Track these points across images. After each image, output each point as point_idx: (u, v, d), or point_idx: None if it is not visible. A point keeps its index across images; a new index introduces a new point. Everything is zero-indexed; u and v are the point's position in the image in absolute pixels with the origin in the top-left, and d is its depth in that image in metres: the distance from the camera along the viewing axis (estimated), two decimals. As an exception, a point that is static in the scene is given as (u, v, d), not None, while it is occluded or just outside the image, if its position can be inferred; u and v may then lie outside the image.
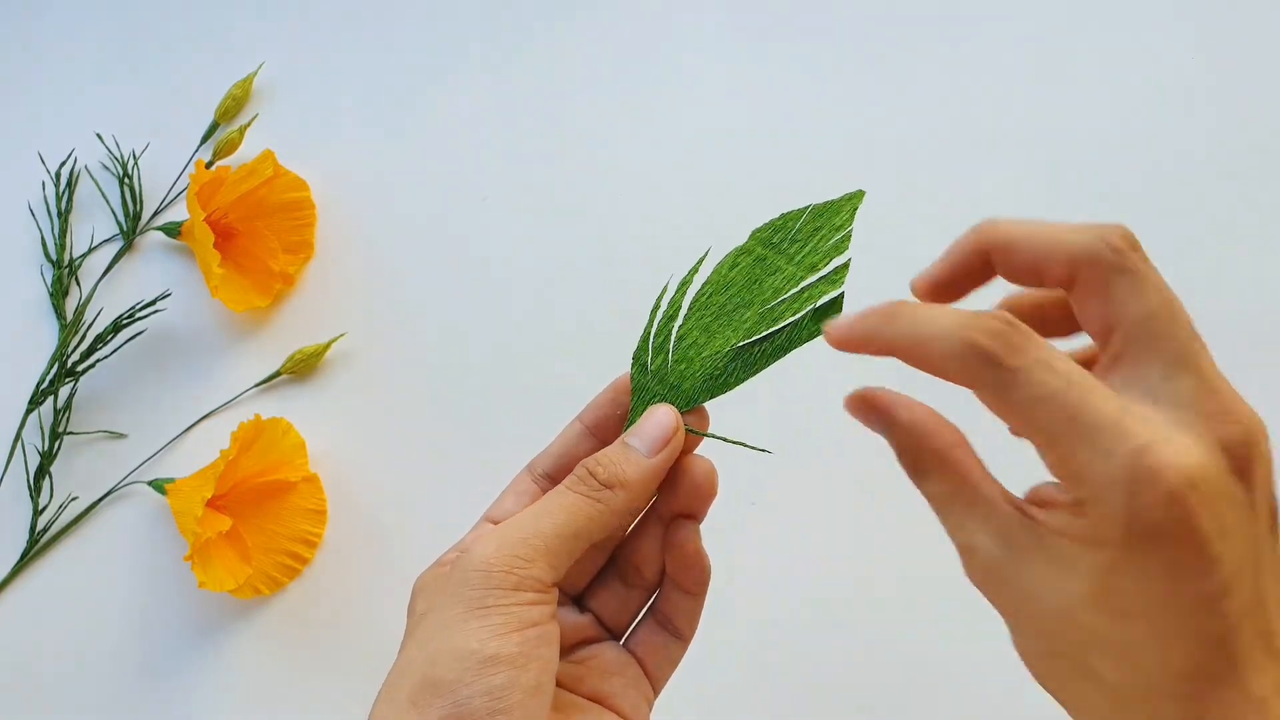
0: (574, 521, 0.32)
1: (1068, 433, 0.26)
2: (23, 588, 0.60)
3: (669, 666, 0.37)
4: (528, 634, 0.30)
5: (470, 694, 0.29)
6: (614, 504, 0.33)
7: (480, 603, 0.31)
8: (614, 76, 0.66)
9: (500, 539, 0.32)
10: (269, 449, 0.58)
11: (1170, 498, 0.25)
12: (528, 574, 0.31)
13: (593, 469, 0.33)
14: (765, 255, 0.36)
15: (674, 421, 0.34)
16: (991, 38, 0.65)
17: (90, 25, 0.70)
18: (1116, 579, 0.26)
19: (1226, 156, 0.62)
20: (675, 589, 0.37)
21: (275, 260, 0.62)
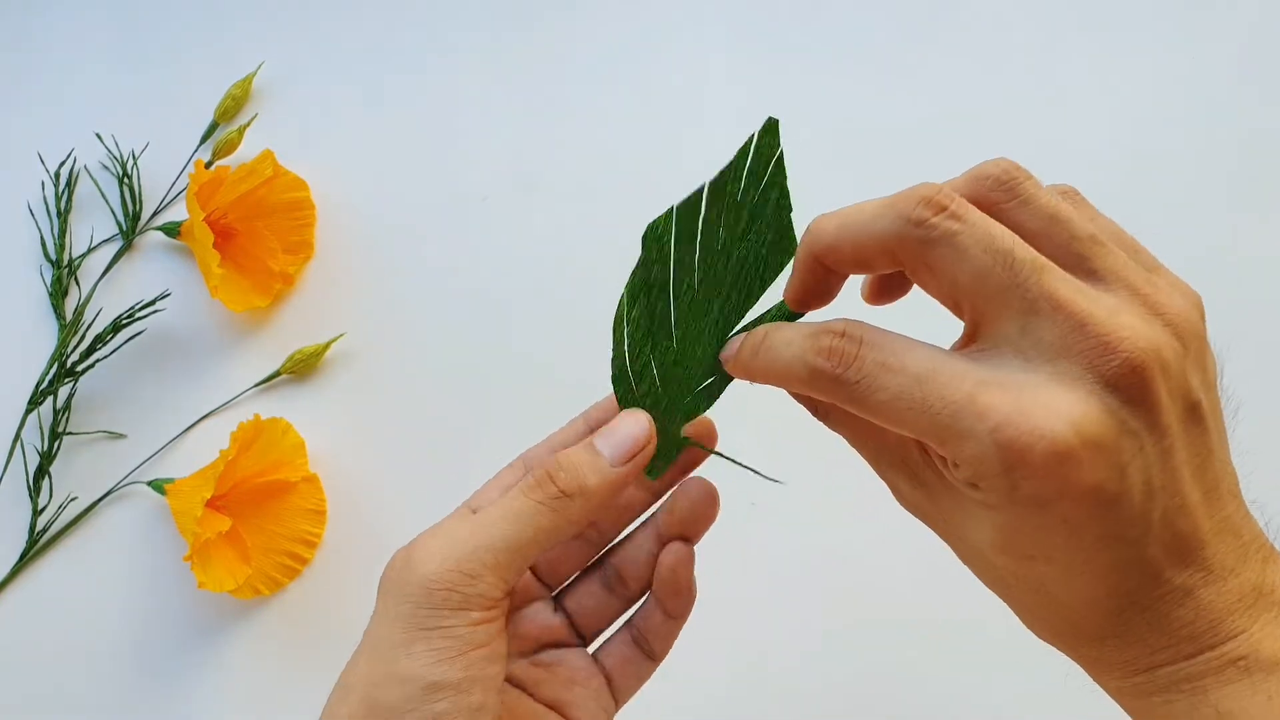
0: (525, 532, 0.30)
1: (926, 427, 0.26)
2: (22, 588, 0.60)
3: (636, 683, 0.36)
4: (472, 657, 0.29)
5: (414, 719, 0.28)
6: (570, 513, 0.31)
7: (423, 624, 0.29)
8: (615, 76, 0.66)
9: (444, 552, 0.30)
10: (268, 449, 0.58)
11: (1045, 469, 0.24)
12: (474, 591, 0.30)
13: (554, 473, 0.31)
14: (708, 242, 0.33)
15: (646, 432, 0.32)
16: (991, 37, 0.65)
17: (90, 25, 0.70)
18: (1016, 533, 0.26)
19: (1227, 156, 0.62)
20: (657, 609, 0.35)
21: (275, 260, 0.62)
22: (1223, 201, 0.61)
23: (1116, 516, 0.25)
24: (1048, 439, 0.24)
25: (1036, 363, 0.25)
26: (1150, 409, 0.25)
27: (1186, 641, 0.26)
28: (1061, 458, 0.24)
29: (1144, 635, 0.26)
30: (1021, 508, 0.25)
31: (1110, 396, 0.25)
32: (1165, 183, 0.61)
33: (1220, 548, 0.26)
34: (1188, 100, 0.63)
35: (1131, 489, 0.25)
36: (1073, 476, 0.25)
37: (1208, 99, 0.63)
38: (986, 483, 0.26)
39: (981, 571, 0.29)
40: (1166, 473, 0.25)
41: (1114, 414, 0.25)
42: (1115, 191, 0.62)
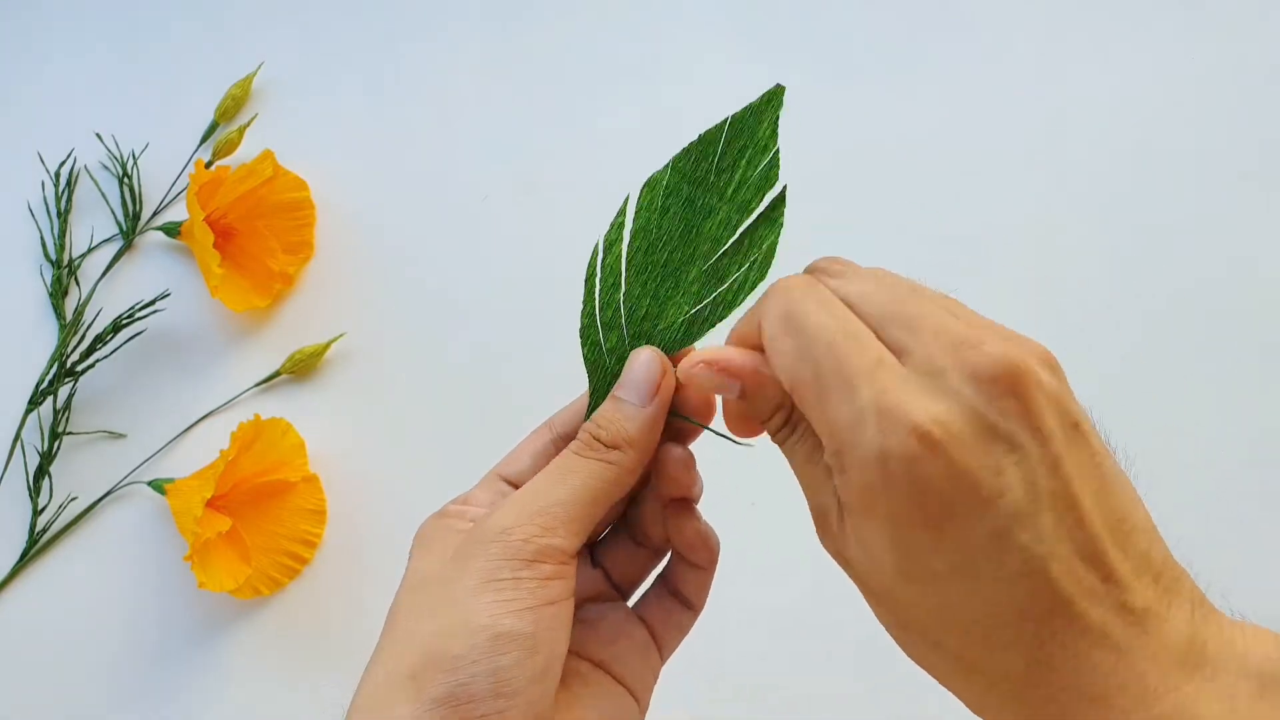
0: (590, 487, 0.31)
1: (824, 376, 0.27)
2: (22, 588, 0.60)
3: (678, 634, 0.36)
4: (543, 613, 0.29)
5: (475, 672, 0.28)
6: (625, 463, 0.31)
7: (496, 574, 0.29)
8: (616, 76, 0.66)
9: (520, 507, 0.30)
10: (268, 449, 0.58)
11: (919, 435, 0.25)
12: (548, 544, 0.30)
13: (595, 433, 0.32)
14: (694, 195, 0.33)
15: (660, 364, 0.32)
16: (993, 41, 0.65)
17: (90, 25, 0.70)
18: (909, 544, 0.26)
19: (1231, 159, 0.62)
20: (683, 562, 0.35)
21: (275, 260, 0.62)
22: (1232, 206, 0.61)
23: (1000, 510, 0.25)
24: (925, 409, 0.25)
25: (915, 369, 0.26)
26: (1025, 412, 0.25)
27: (1117, 693, 0.24)
28: (924, 438, 0.25)
29: (1072, 680, 0.25)
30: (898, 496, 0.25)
31: (977, 393, 0.25)
32: (1171, 188, 0.61)
33: (1139, 587, 0.25)
34: (1195, 105, 0.63)
35: (1011, 485, 0.25)
36: (940, 459, 0.25)
37: (1212, 103, 0.63)
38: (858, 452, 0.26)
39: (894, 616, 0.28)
40: (1055, 479, 0.25)
41: (978, 409, 0.25)
42: (1119, 198, 0.62)
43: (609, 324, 0.33)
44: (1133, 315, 0.59)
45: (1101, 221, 0.61)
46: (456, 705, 0.27)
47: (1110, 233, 0.61)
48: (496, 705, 0.28)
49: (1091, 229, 0.61)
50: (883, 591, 0.28)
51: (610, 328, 0.33)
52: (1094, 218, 0.61)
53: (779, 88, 0.33)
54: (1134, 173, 0.62)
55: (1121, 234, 0.61)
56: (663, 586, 0.36)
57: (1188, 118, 0.63)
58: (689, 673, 0.55)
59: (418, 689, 0.28)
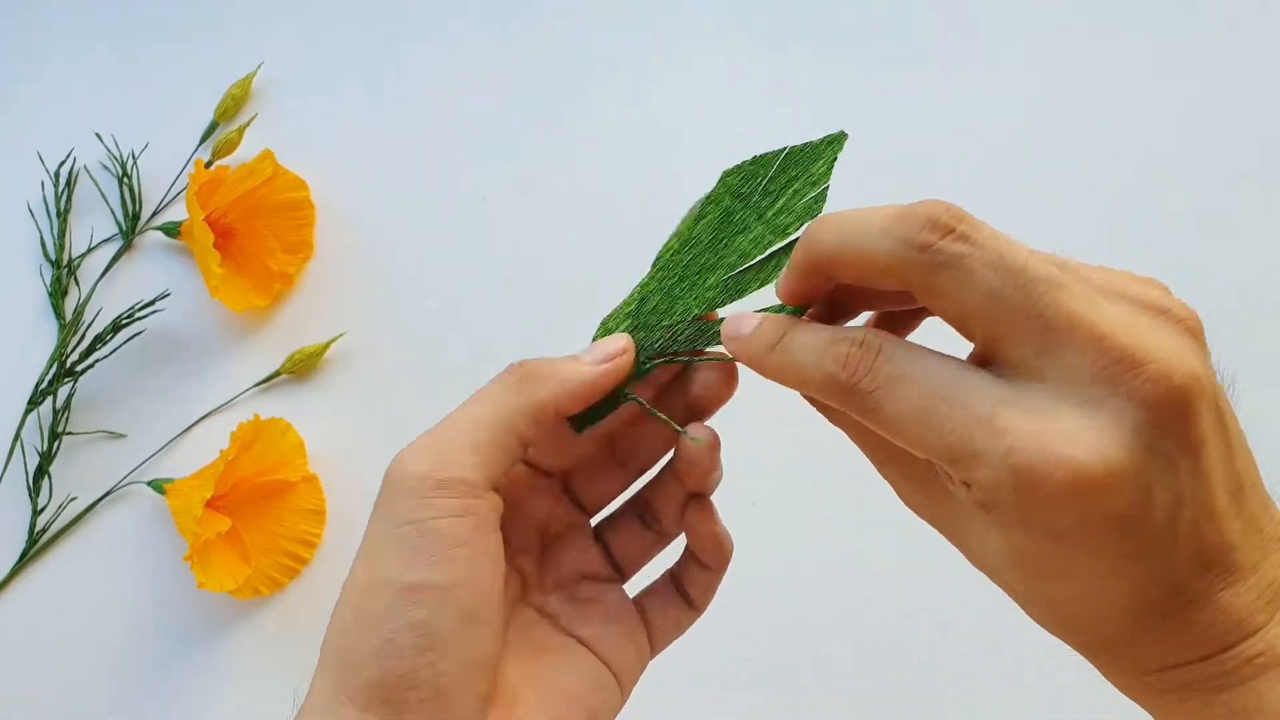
0: (495, 411, 0.29)
1: (937, 446, 0.25)
2: (22, 588, 0.60)
3: (675, 631, 0.35)
4: (454, 555, 0.27)
5: (395, 629, 0.27)
6: (538, 394, 0.30)
7: (398, 522, 0.27)
8: (616, 76, 0.66)
9: (416, 447, 0.29)
10: (268, 449, 0.58)
11: (1063, 499, 0.23)
12: (448, 475, 0.28)
13: (525, 360, 0.31)
14: (733, 208, 0.33)
15: (625, 342, 0.32)
16: (992, 39, 0.65)
17: (89, 25, 0.70)
18: (1030, 557, 0.25)
19: (1235, 158, 0.62)
20: (693, 560, 0.34)
21: (274, 260, 0.62)
22: (1235, 206, 0.61)
23: (1140, 537, 0.24)
24: (1066, 468, 0.23)
25: (1058, 386, 0.24)
26: (1188, 429, 0.24)
27: (1205, 643, 0.25)
28: (1080, 489, 0.23)
29: (1162, 640, 0.26)
30: (1036, 533, 0.24)
31: (1141, 419, 0.23)
32: (1170, 188, 0.61)
33: (1244, 547, 0.25)
34: (1194, 104, 0.63)
35: (1156, 508, 0.24)
36: (1093, 506, 0.23)
37: (1222, 103, 0.63)
38: (999, 509, 0.25)
39: (991, 574, 0.28)
40: (1197, 484, 0.24)
41: (1142, 438, 0.23)
42: (1119, 197, 0.62)
43: (622, 312, 0.33)
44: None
45: (1102, 220, 0.61)
46: (386, 659, 0.27)
47: (1111, 231, 0.61)
48: (424, 659, 0.27)
49: (1093, 227, 0.61)
50: (983, 563, 0.27)
51: (623, 315, 0.33)
52: (1095, 216, 0.61)
53: (841, 134, 0.33)
54: (1134, 172, 0.62)
55: (1122, 233, 0.61)
56: (669, 581, 0.35)
57: (1188, 117, 0.63)
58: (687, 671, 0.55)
59: (348, 649, 0.28)
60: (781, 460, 0.58)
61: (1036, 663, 0.54)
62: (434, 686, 0.27)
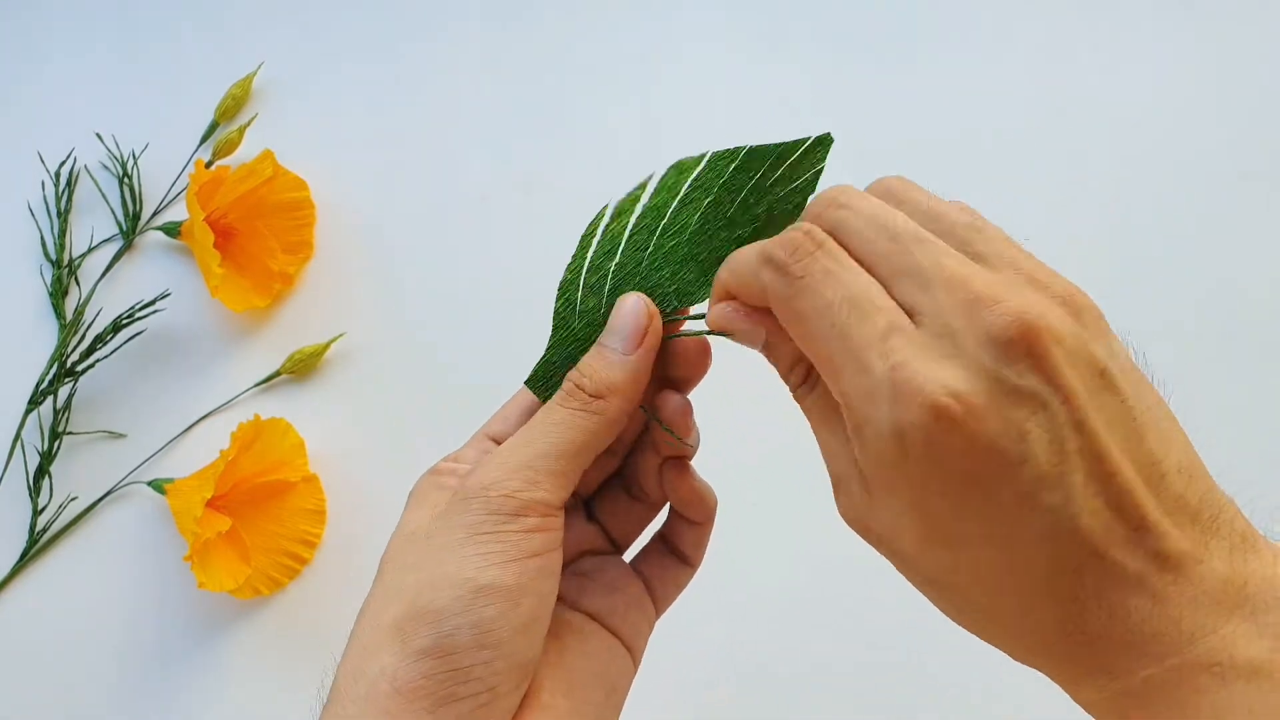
0: (573, 438, 0.31)
1: (836, 349, 0.26)
2: (22, 588, 0.60)
3: (675, 589, 0.36)
4: (527, 565, 0.29)
5: (458, 624, 0.28)
6: (609, 413, 0.31)
7: (479, 529, 0.29)
8: (616, 76, 0.66)
9: (502, 462, 0.30)
10: (268, 449, 0.58)
11: (935, 410, 0.24)
12: (531, 498, 0.30)
13: (579, 382, 0.31)
14: (722, 201, 0.33)
15: (646, 311, 0.32)
16: (996, 36, 0.65)
17: (90, 25, 0.70)
18: (933, 513, 0.25)
19: (1236, 158, 0.62)
20: (680, 517, 0.35)
21: (275, 260, 0.62)
22: (1236, 204, 0.61)
23: (1025, 475, 0.24)
24: (939, 381, 0.24)
25: (932, 321, 0.25)
26: (1045, 370, 0.24)
27: (1152, 640, 0.24)
28: (940, 413, 0.24)
29: (1106, 629, 0.25)
30: (929, 484, 0.25)
31: (993, 357, 0.24)
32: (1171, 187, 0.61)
33: (1173, 531, 0.25)
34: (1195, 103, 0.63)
35: (1035, 449, 0.24)
36: (959, 433, 0.24)
37: (1223, 103, 0.63)
38: (872, 429, 0.25)
39: (926, 584, 0.28)
40: (1081, 436, 0.24)
41: (995, 374, 0.24)
42: (1120, 197, 0.62)
43: (591, 287, 0.33)
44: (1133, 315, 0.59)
45: (1102, 221, 0.61)
46: (441, 656, 0.28)
47: (1110, 230, 0.61)
48: (481, 656, 0.28)
49: (1093, 228, 0.61)
50: (908, 557, 0.27)
51: (592, 291, 0.33)
52: (1095, 216, 0.61)
53: (828, 135, 0.33)
54: (1134, 171, 0.62)
55: (1121, 234, 0.61)
56: (661, 542, 0.36)
57: (1189, 116, 0.63)
58: (686, 670, 0.55)
59: (402, 640, 0.28)
60: (783, 459, 0.58)
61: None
62: (486, 683, 0.28)
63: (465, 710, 0.28)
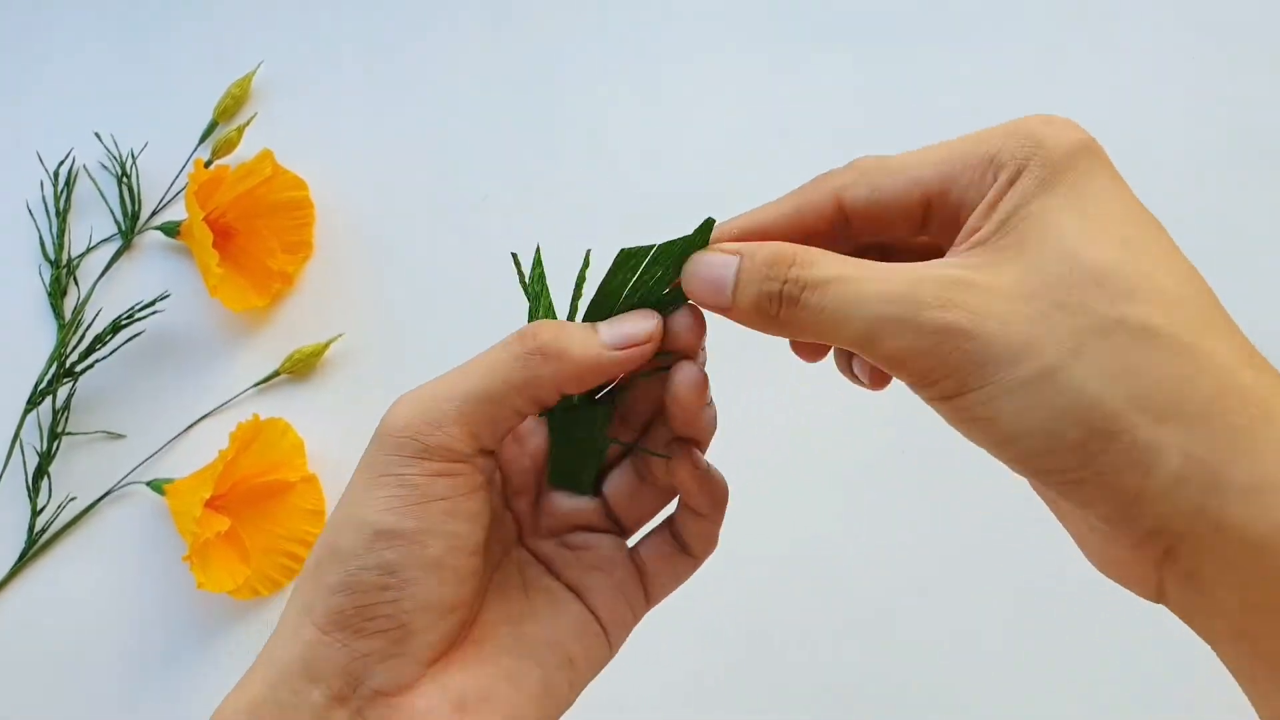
0: (493, 384, 0.29)
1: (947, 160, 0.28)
2: (21, 588, 0.60)
3: (673, 581, 0.34)
4: (430, 509, 0.28)
5: (363, 564, 0.28)
6: (542, 372, 0.29)
7: (385, 469, 0.29)
8: (616, 76, 0.66)
9: (414, 400, 0.30)
10: (267, 449, 0.58)
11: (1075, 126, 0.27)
12: (434, 441, 0.29)
13: (537, 330, 0.30)
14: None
15: (653, 329, 0.30)
16: (995, 33, 0.65)
17: (89, 24, 0.70)
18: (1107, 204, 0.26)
19: (1230, 155, 0.62)
20: (687, 507, 0.33)
21: (274, 259, 0.62)
22: (1234, 203, 0.61)
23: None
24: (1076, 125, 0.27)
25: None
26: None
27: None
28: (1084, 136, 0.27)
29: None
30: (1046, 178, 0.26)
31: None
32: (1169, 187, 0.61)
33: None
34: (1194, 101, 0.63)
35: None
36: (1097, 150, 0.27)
37: (1221, 101, 0.63)
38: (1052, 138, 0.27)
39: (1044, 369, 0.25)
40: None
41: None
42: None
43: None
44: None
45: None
46: (348, 593, 0.28)
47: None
48: (386, 595, 0.28)
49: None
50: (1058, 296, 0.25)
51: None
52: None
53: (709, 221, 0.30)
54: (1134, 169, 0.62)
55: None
56: (666, 529, 0.34)
57: (1190, 115, 0.63)
58: (684, 669, 0.55)
59: (318, 575, 0.29)
60: (781, 461, 0.58)
61: (1031, 654, 0.54)
62: (394, 619, 0.28)
63: (378, 645, 0.28)
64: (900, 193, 0.28)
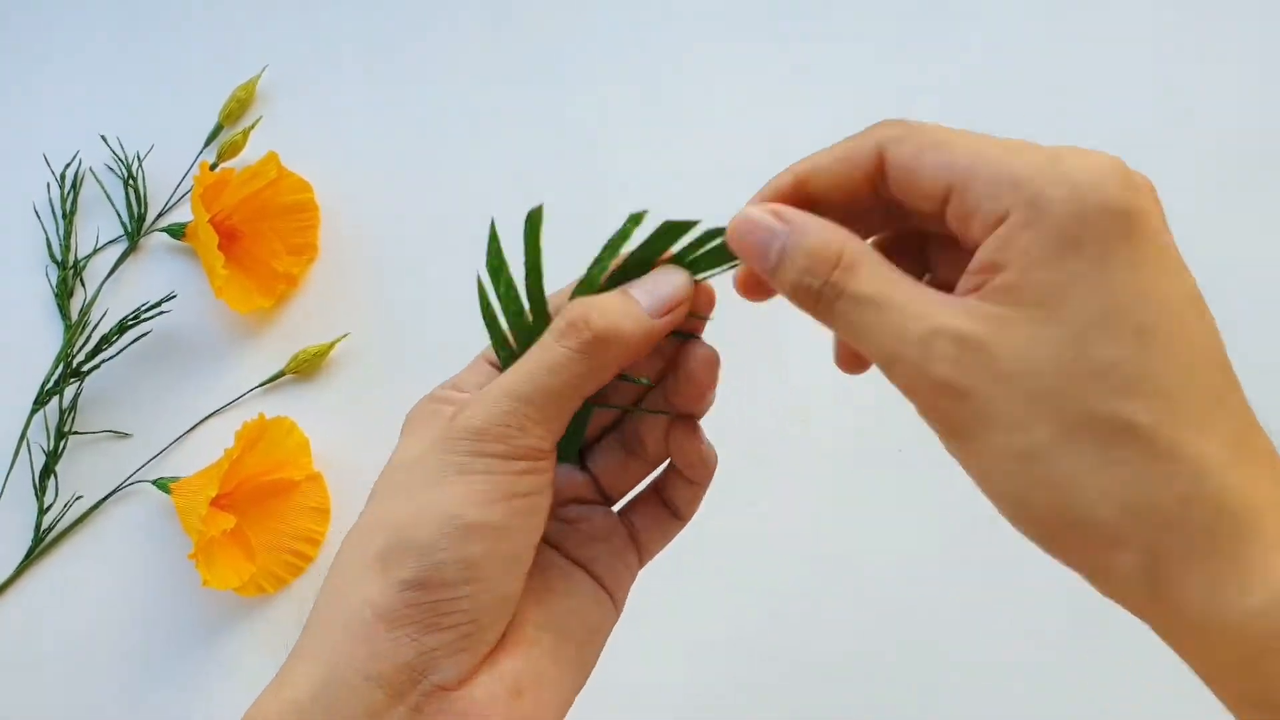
0: (564, 381, 0.30)
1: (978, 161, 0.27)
2: (27, 586, 0.60)
3: (661, 540, 0.35)
4: (514, 504, 0.29)
5: (444, 559, 0.28)
6: (604, 359, 0.30)
7: (469, 467, 0.29)
8: (619, 78, 0.66)
9: (493, 402, 0.30)
10: (273, 448, 0.58)
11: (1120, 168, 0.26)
12: (522, 443, 0.29)
13: (587, 317, 0.30)
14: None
15: (686, 286, 0.31)
16: (997, 30, 0.65)
17: (94, 27, 0.70)
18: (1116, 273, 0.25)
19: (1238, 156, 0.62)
20: (678, 474, 0.35)
21: (279, 261, 0.62)
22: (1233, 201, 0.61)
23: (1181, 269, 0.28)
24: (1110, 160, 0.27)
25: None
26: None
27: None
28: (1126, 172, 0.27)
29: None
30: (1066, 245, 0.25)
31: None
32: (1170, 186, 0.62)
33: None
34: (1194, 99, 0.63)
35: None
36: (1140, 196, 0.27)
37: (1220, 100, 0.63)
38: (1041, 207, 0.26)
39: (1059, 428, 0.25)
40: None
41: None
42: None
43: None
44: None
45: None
46: (425, 588, 0.28)
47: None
48: (465, 590, 0.28)
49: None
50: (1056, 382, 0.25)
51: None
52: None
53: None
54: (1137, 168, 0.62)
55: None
56: (654, 493, 0.35)
57: (1194, 113, 0.63)
58: (681, 668, 0.55)
59: (385, 571, 0.28)
60: (780, 460, 0.58)
61: (1030, 652, 0.55)
62: (470, 615, 0.28)
63: (448, 639, 0.28)
64: (930, 172, 0.28)
